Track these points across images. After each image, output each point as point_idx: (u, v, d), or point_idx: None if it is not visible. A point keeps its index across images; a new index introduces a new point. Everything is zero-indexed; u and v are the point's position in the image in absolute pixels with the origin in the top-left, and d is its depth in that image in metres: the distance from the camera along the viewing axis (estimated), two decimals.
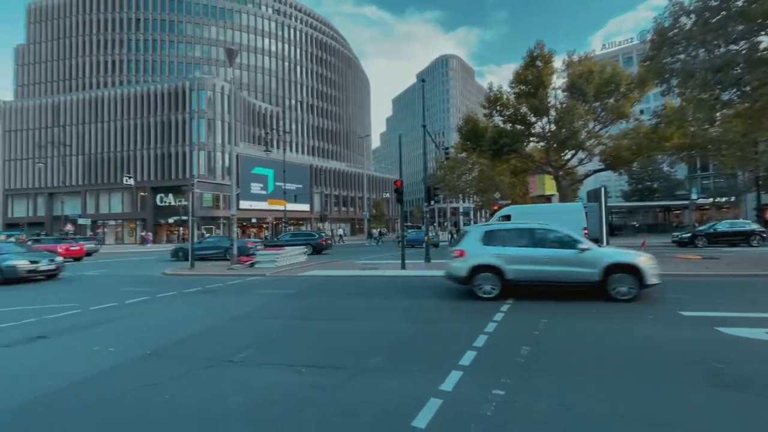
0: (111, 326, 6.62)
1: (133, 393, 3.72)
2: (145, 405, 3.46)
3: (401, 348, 4.95)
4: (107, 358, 4.85)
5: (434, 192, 16.61)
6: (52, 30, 62.85)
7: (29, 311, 7.84)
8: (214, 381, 3.98)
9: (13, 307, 8.47)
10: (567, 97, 24.66)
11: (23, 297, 9.90)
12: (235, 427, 3.01)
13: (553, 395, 3.41)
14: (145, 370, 4.38)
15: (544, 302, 7.50)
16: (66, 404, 3.52)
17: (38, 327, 6.54)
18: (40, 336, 5.96)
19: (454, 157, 46.52)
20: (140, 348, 5.18)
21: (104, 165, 52.82)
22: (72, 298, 9.47)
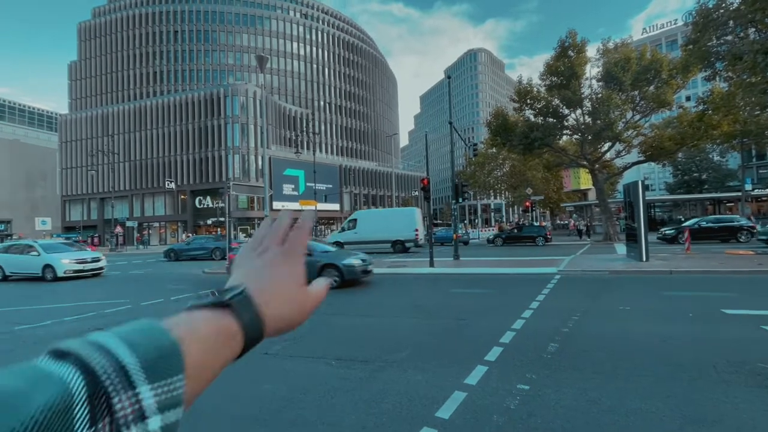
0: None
1: None
2: None
3: (427, 343, 5.06)
4: None
5: (463, 189, 16.48)
6: (100, 46, 67.49)
7: (88, 306, 8.60)
8: (251, 370, 4.27)
9: (74, 302, 9.31)
10: (602, 86, 23.59)
11: (82, 293, 10.84)
12: (272, 410, 3.25)
13: (580, 391, 3.41)
14: None
15: (576, 300, 7.34)
16: None
17: (97, 320, 7.19)
18: (98, 329, 6.54)
19: (484, 152, 45.67)
20: None
21: (148, 170, 56.24)
22: (123, 293, 10.27)
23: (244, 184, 50.22)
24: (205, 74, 65.24)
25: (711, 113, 20.54)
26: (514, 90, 26.00)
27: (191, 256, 22.12)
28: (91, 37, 68.29)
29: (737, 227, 20.09)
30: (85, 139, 60.01)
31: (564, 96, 23.04)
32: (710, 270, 10.11)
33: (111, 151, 47.76)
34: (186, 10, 65.57)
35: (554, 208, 50.44)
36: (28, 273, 14.10)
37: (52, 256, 13.85)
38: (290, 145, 57.24)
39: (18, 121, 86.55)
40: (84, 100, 68.13)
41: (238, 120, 52.54)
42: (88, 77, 68.40)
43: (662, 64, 21.47)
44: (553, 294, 8.02)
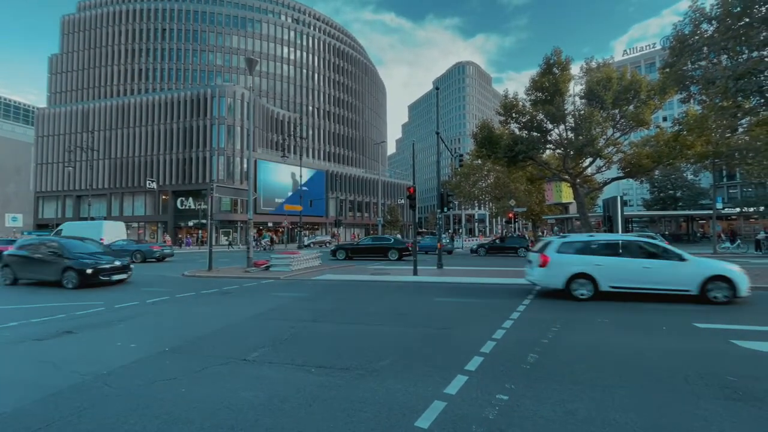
0: (132, 323, 6.93)
1: (154, 385, 3.93)
2: (164, 395, 3.66)
3: (408, 352, 5.04)
4: (130, 353, 5.11)
5: (448, 199, 16.63)
6: (84, 40, 65.87)
7: (59, 308, 8.25)
8: (229, 377, 4.16)
9: (45, 303, 8.92)
10: (585, 104, 24.36)
11: (54, 296, 10.40)
12: (249, 419, 3.17)
13: (558, 402, 3.45)
14: (165, 365, 4.61)
15: (556, 312, 7.46)
16: (96, 392, 3.76)
17: (67, 323, 6.90)
18: (68, 331, 6.30)
19: (470, 163, 46.28)
20: (160, 344, 5.43)
21: (129, 169, 54.78)
22: (97, 296, 9.90)
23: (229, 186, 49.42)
24: (192, 74, 64.36)
25: (686, 134, 21.46)
26: (500, 103, 26.56)
27: None
28: (74, 30, 66.62)
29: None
30: (63, 134, 58.15)
31: (548, 111, 23.66)
32: None
33: (90, 148, 46.35)
34: (175, 8, 64.79)
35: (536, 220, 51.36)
36: None
37: None
38: (277, 148, 56.82)
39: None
40: (64, 94, 66.18)
41: (225, 121, 51.87)
42: (69, 71, 66.55)
43: (641, 84, 22.35)
44: (533, 305, 8.13)
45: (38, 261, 12.11)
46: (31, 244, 12.96)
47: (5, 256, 12.98)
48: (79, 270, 11.32)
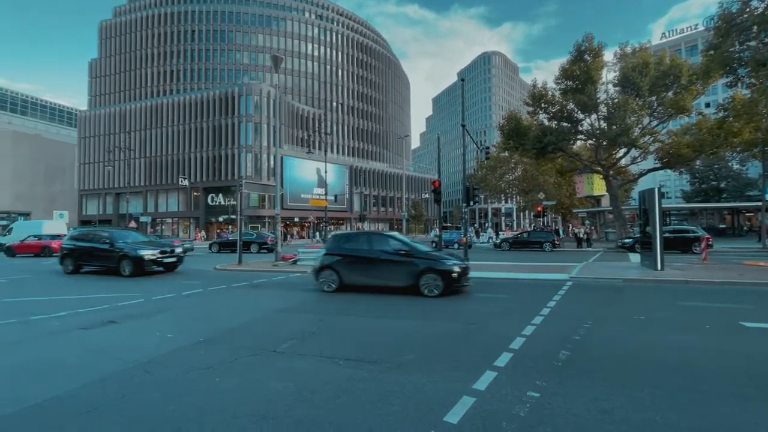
0: (169, 314, 7.26)
1: (190, 374, 4.11)
2: (199, 384, 3.82)
3: (435, 347, 5.01)
4: (167, 342, 5.36)
5: (474, 192, 16.37)
6: (120, 45, 68.99)
7: (102, 299, 8.77)
8: (260, 368, 4.29)
9: (91, 294, 9.50)
10: (619, 91, 23.26)
11: (99, 286, 11.06)
12: (280, 409, 3.25)
13: (592, 400, 3.34)
14: (200, 355, 4.80)
15: (588, 307, 7.22)
16: (138, 378, 3.98)
17: (111, 313, 7.32)
18: (111, 321, 6.68)
19: (496, 156, 45.37)
20: (194, 335, 5.66)
21: (163, 167, 57.23)
22: (136, 288, 10.44)
23: (256, 182, 50.74)
24: (220, 73, 66.17)
25: (732, 120, 20.07)
26: (528, 93, 25.78)
27: None
28: (111, 35, 69.86)
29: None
30: (103, 135, 61.37)
31: (579, 100, 22.76)
32: (729, 281, 9.84)
33: (127, 148, 48.75)
34: (204, 10, 66.64)
35: (566, 214, 49.78)
36: None
37: None
38: (302, 144, 57.65)
39: (39, 117, 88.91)
40: (103, 97, 69.69)
41: (252, 119, 53.14)
42: (107, 75, 69.95)
43: (682, 69, 21.06)
44: (564, 300, 7.89)
45: (95, 251, 13.00)
46: (85, 236, 13.85)
47: (63, 247, 13.96)
48: (134, 258, 12.12)
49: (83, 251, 13.46)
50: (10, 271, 15.42)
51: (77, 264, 13.51)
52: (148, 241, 13.95)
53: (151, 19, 67.40)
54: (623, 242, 21.74)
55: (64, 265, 13.65)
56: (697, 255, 18.04)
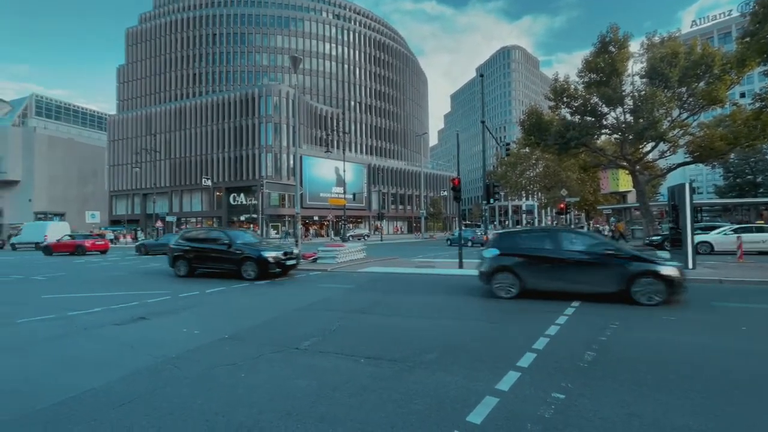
0: (195, 312, 7.48)
1: (216, 369, 4.23)
2: (225, 379, 3.93)
3: (456, 346, 4.98)
4: (194, 338, 5.53)
5: (494, 189, 16.13)
6: (146, 51, 71.33)
7: (132, 296, 9.12)
8: (283, 364, 4.37)
9: (122, 291, 9.90)
10: (646, 83, 22.36)
11: (124, 283, 11.51)
12: (304, 405, 3.30)
13: (620, 403, 3.24)
14: (225, 351, 4.93)
15: (614, 308, 7.00)
16: (168, 373, 4.13)
17: (140, 309, 7.61)
18: (142, 317, 6.94)
19: (516, 152, 44.55)
20: (219, 332, 5.82)
21: (187, 168, 58.91)
22: (163, 285, 10.81)
23: (276, 182, 51.60)
24: (241, 75, 67.49)
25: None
26: (550, 88, 25.14)
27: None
28: (138, 41, 72.28)
29: None
30: (130, 138, 63.67)
31: (603, 93, 22.03)
32: (766, 281, 9.35)
33: (153, 150, 50.45)
34: (224, 14, 68.09)
35: (590, 211, 48.41)
36: None
37: None
38: (321, 144, 58.19)
39: (72, 122, 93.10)
40: (131, 101, 72.28)
41: (272, 119, 54.00)
42: (134, 80, 72.47)
43: (714, 58, 20.07)
44: (589, 300, 7.69)
45: (211, 252, 11.92)
46: (198, 236, 12.89)
47: (174, 249, 12.63)
48: (258, 260, 11.16)
49: (198, 253, 12.23)
50: (73, 270, 16.23)
51: (191, 266, 12.25)
52: (260, 242, 12.77)
53: (174, 25, 69.35)
54: (651, 240, 20.99)
55: (177, 268, 12.46)
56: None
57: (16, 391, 3.86)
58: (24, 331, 6.18)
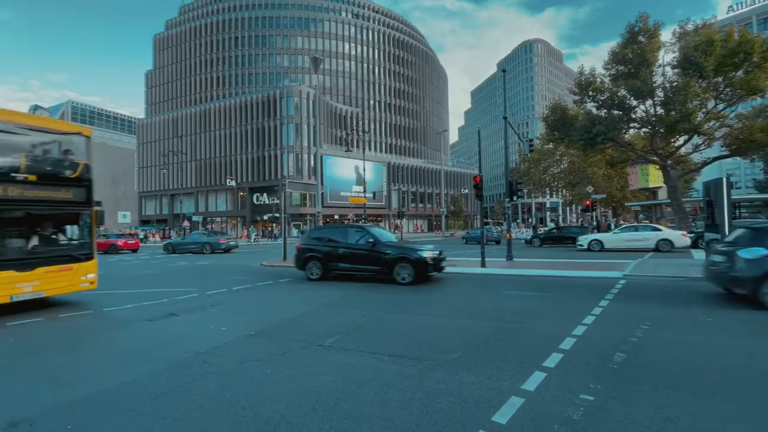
0: (222, 309, 7.71)
1: (244, 365, 4.35)
2: (253, 375, 4.03)
3: (480, 345, 4.93)
4: (221, 335, 5.69)
5: (517, 187, 15.81)
6: (172, 56, 73.73)
7: (160, 293, 9.48)
8: (308, 361, 4.44)
9: (152, 288, 10.30)
10: (678, 74, 21.37)
11: (155, 280, 11.96)
12: (329, 402, 3.35)
13: (653, 407, 3.13)
14: (251, 347, 5.06)
15: (645, 308, 6.75)
16: (198, 368, 4.27)
17: (170, 306, 7.89)
18: (172, 314, 7.20)
19: (540, 148, 43.53)
20: (246, 328, 5.97)
21: (212, 169, 60.59)
22: (190, 283, 11.17)
23: (298, 181, 52.34)
24: (263, 77, 68.78)
25: None
26: (575, 81, 24.43)
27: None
28: (164, 47, 74.79)
29: None
30: (158, 140, 66.01)
31: (632, 86, 21.22)
32: None
33: (180, 151, 52.13)
34: (246, 17, 69.50)
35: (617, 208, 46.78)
36: None
37: None
38: (341, 143, 58.58)
39: (105, 126, 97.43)
40: (158, 105, 74.91)
41: (293, 120, 54.78)
42: (161, 84, 75.03)
43: (753, 45, 18.97)
44: (617, 300, 7.45)
45: (354, 252, 10.55)
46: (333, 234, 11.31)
47: (305, 249, 11.26)
48: (417, 261, 9.73)
49: (335, 253, 10.81)
50: None
51: (325, 268, 10.87)
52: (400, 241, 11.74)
53: (198, 30, 71.35)
54: None
55: (308, 270, 11.07)
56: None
57: (60, 379, 4.09)
58: (65, 327, 6.54)
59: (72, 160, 8.03)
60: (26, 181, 7.07)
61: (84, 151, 8.24)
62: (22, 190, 7.03)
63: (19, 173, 6.99)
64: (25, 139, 7.47)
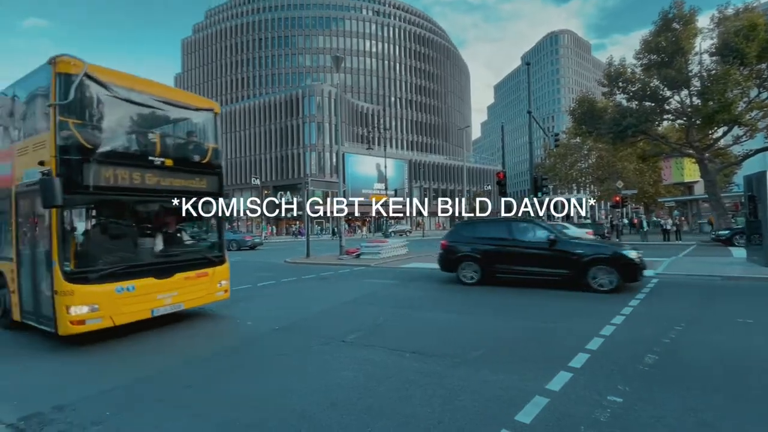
0: (247, 304, 7.92)
1: (270, 359, 4.47)
2: (278, 368, 4.14)
3: (503, 344, 4.85)
4: (248, 329, 5.87)
5: (542, 183, 15.43)
6: (199, 59, 76.06)
7: None
8: (330, 356, 4.51)
9: None
10: (717, 61, 20.21)
11: None
12: (350, 397, 3.40)
13: (687, 410, 2.99)
14: (276, 342, 5.18)
15: (679, 307, 6.45)
16: (225, 362, 4.43)
17: None
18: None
19: (566, 143, 42.28)
20: (271, 323, 6.11)
21: (238, 168, 62.26)
22: None
23: (320, 179, 53.03)
24: (285, 77, 69.92)
25: None
26: (604, 73, 23.55)
27: None
28: (192, 51, 77.23)
29: None
30: None
31: (666, 75, 20.25)
32: None
33: None
34: (269, 18, 70.78)
35: (649, 204, 44.81)
36: None
37: None
38: (362, 141, 58.84)
39: None
40: None
41: (315, 119, 55.47)
42: (190, 87, 77.47)
43: None
44: (649, 299, 7.15)
45: (522, 252, 8.64)
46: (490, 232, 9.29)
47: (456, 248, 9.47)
48: (623, 262, 7.83)
49: (501, 252, 8.85)
50: None
51: (486, 270, 8.97)
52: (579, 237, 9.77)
53: (224, 32, 73.23)
54: (718, 234, 18.96)
55: (461, 273, 9.25)
56: None
57: None
58: None
59: (202, 142, 6.71)
60: (163, 167, 5.78)
61: (213, 131, 6.87)
62: (159, 177, 5.75)
63: (156, 157, 5.72)
64: (160, 115, 6.32)
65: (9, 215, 5.63)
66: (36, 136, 5.27)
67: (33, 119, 5.58)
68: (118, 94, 5.35)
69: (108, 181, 5.12)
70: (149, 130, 6.07)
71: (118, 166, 5.25)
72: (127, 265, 5.34)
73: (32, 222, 5.34)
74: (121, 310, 5.12)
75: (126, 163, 5.37)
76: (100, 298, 4.93)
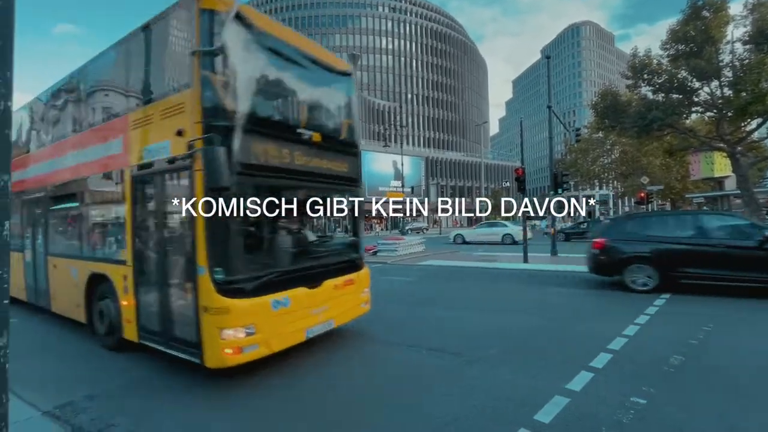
0: None
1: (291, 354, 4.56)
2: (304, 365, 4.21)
3: (521, 342, 4.80)
4: None
5: (562, 179, 15.07)
6: None
7: None
8: (348, 354, 4.57)
9: None
10: (750, 50, 19.21)
11: None
12: (371, 394, 3.43)
13: (716, 415, 2.90)
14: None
15: (707, 308, 6.21)
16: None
17: None
18: None
19: (588, 138, 41.18)
20: None
21: None
22: None
23: None
24: None
25: None
26: (628, 64, 22.73)
27: None
28: None
29: None
30: None
31: (695, 66, 19.39)
32: None
33: None
34: (286, 17, 71.52)
35: (676, 200, 43.23)
36: None
37: None
38: (378, 138, 58.91)
39: None
40: None
41: None
42: None
43: None
44: (675, 299, 6.91)
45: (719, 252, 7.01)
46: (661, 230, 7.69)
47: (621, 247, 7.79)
48: None
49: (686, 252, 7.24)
50: None
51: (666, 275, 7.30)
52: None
53: None
54: None
55: (628, 277, 7.61)
56: None
57: None
58: None
59: (341, 114, 5.16)
60: (311, 143, 4.42)
61: (349, 100, 5.29)
62: (307, 156, 4.38)
63: (304, 129, 4.38)
64: (304, 76, 4.62)
65: (119, 206, 4.47)
66: (162, 100, 4.05)
67: (158, 76, 4.34)
68: (271, 44, 4.07)
69: (258, 158, 3.78)
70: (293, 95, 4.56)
71: (269, 139, 3.93)
72: (280, 271, 3.99)
73: (159, 214, 4.05)
74: (278, 330, 3.82)
75: (275, 135, 4.05)
76: (257, 317, 3.62)
